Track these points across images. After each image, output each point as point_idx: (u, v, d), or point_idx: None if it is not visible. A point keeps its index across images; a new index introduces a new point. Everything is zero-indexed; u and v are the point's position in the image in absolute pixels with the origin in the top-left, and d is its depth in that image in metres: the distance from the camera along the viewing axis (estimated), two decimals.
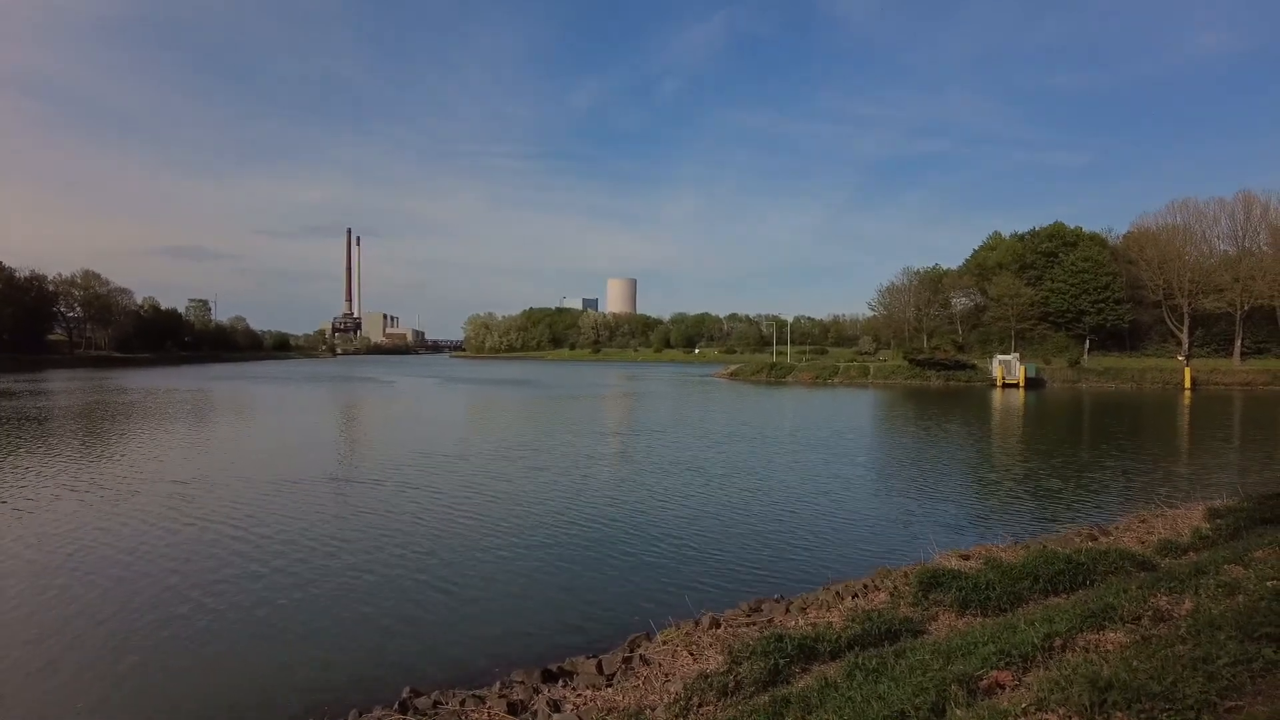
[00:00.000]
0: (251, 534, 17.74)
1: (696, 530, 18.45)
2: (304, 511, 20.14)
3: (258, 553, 16.24)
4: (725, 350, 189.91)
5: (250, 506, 20.61)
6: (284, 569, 15.12)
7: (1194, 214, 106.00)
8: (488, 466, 27.74)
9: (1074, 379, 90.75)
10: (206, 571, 14.93)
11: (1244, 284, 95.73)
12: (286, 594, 13.64)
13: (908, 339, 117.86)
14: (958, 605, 10.29)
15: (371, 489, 23.35)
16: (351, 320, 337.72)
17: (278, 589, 13.92)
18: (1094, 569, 11.15)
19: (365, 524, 18.84)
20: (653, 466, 28.28)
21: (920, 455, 32.81)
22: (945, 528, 18.96)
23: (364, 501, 21.53)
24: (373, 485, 23.96)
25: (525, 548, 16.85)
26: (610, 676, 9.46)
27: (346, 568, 15.22)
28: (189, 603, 13.17)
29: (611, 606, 13.05)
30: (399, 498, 21.99)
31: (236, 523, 18.79)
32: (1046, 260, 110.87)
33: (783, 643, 8.81)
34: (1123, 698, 4.53)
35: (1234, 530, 14.30)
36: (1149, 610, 6.92)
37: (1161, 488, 23.57)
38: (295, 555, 16.08)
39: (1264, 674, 4.64)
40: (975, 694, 5.72)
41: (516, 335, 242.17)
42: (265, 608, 12.98)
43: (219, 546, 16.73)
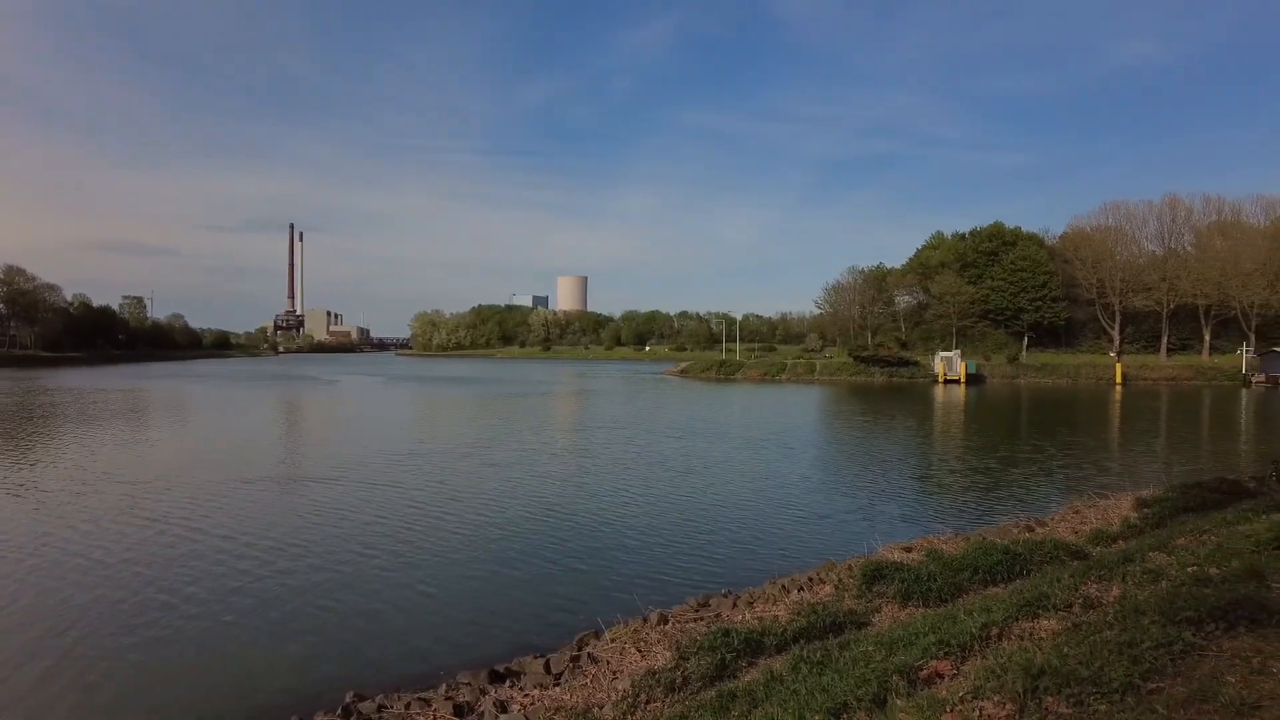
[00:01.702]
0: (193, 537, 17.24)
1: (646, 527, 18.49)
2: (247, 514, 19.62)
3: (199, 556, 15.77)
4: (676, 348, 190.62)
5: (194, 509, 20.03)
6: (224, 572, 14.70)
7: (1125, 216, 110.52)
8: (434, 466, 27.37)
9: (1013, 375, 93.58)
10: (144, 576, 14.42)
11: (1170, 283, 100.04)
12: (227, 598, 13.27)
13: (853, 336, 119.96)
14: (900, 596, 10.51)
15: (316, 490, 22.83)
16: (294, 318, 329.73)
17: (217, 593, 13.53)
18: (1030, 559, 11.50)
19: (309, 526, 18.42)
20: (602, 464, 28.26)
21: (865, 450, 33.43)
22: (889, 521, 19.34)
23: (309, 504, 21.05)
24: (318, 487, 23.43)
25: (473, 548, 16.68)
26: (558, 676, 9.42)
27: (290, 571, 14.86)
28: (128, 607, 12.75)
29: (560, 605, 13.00)
30: (344, 499, 21.55)
31: (182, 525, 18.29)
32: (987, 259, 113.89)
33: (730, 637, 8.89)
34: (1053, 683, 4.67)
35: (1159, 519, 14.91)
36: (1080, 598, 7.16)
37: (1094, 480, 24.44)
38: (237, 558, 15.66)
39: (1183, 656, 4.85)
40: (916, 684, 5.84)
41: (465, 333, 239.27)
42: (205, 612, 12.61)
43: (162, 550, 16.23)
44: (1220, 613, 5.38)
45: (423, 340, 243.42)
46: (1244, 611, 5.37)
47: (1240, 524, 9.77)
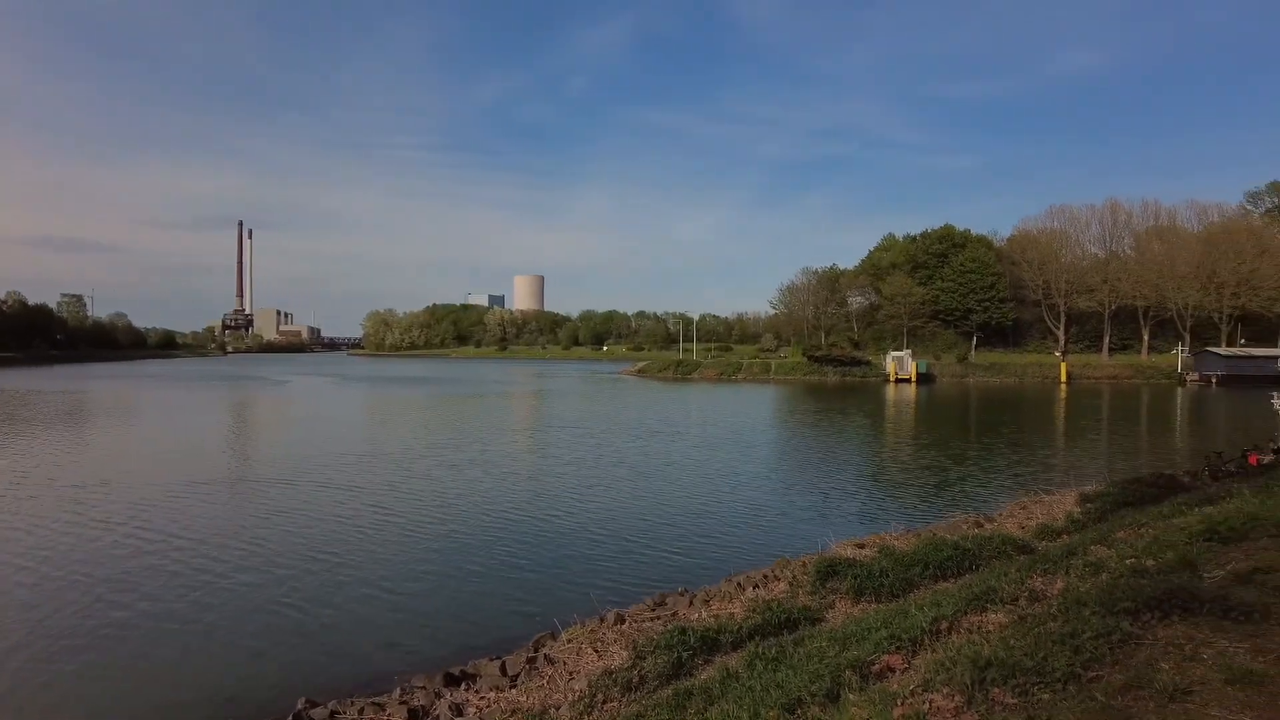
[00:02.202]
0: (141, 541, 16.78)
1: (604, 528, 18.48)
2: (197, 517, 19.12)
3: (147, 561, 15.36)
4: (633, 348, 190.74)
5: (142, 512, 19.50)
6: (173, 577, 14.33)
7: (1069, 219, 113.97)
8: (388, 468, 26.99)
9: (962, 374, 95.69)
10: (90, 581, 13.98)
11: (1111, 285, 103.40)
12: (175, 603, 12.93)
13: (807, 336, 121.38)
14: (853, 592, 10.68)
15: (268, 493, 22.34)
16: (243, 317, 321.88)
17: (166, 598, 13.19)
18: (979, 554, 11.78)
19: (261, 529, 18.03)
20: (559, 465, 28.17)
21: (818, 448, 33.87)
22: (842, 518, 19.64)
23: (260, 506, 20.60)
24: (270, 489, 22.93)
25: (427, 550, 16.49)
26: (514, 677, 9.37)
27: (240, 575, 14.53)
28: (73, 613, 12.35)
29: (517, 607, 12.93)
30: (296, 502, 21.13)
31: (129, 529, 17.81)
32: (937, 261, 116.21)
33: (686, 636, 8.94)
34: (1000, 674, 4.80)
35: (1101, 513, 15.40)
36: (1026, 591, 7.36)
37: (1040, 476, 25.12)
38: (187, 562, 15.28)
39: (1121, 645, 5.02)
40: (868, 678, 5.95)
41: (419, 332, 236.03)
42: (153, 618, 12.29)
43: (109, 555, 15.78)
44: (1156, 603, 5.59)
45: (375, 340, 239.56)
46: (1177, 601, 5.58)
47: (1175, 517, 10.13)
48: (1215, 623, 5.27)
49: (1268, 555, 6.96)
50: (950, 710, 4.60)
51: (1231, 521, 8.30)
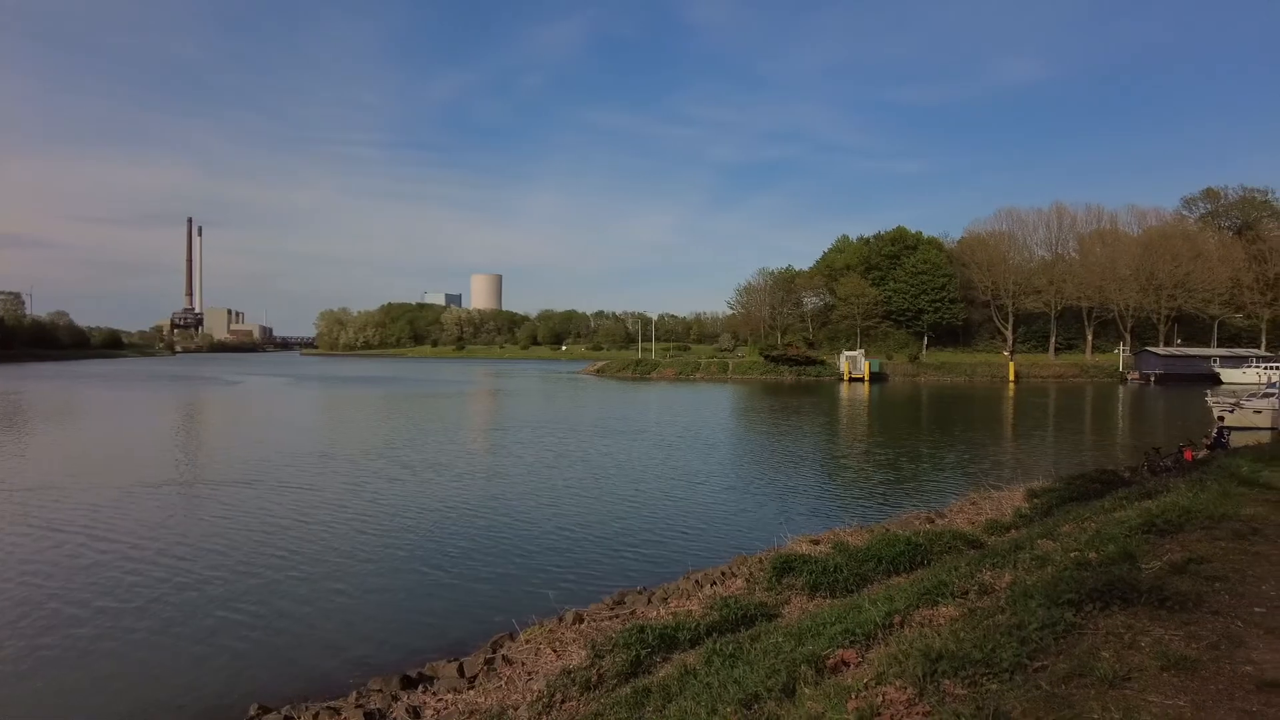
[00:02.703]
0: (92, 545, 16.34)
1: (562, 527, 18.45)
2: (150, 521, 18.65)
3: (98, 566, 14.96)
4: (592, 347, 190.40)
5: (93, 516, 19.02)
6: (124, 582, 13.94)
7: (1018, 222, 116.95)
8: (343, 469, 26.56)
9: (913, 373, 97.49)
10: (40, 586, 13.55)
11: (1057, 286, 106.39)
12: (127, 608, 12.59)
13: (764, 336, 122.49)
14: (809, 588, 10.82)
15: (221, 495, 21.83)
16: (193, 316, 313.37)
17: (117, 603, 12.83)
18: (930, 549, 12.04)
19: (214, 533, 17.63)
20: (517, 464, 28.02)
21: (775, 446, 34.22)
22: (798, 514, 19.88)
23: (213, 509, 20.14)
24: (222, 491, 22.40)
25: (384, 552, 16.29)
26: (472, 678, 9.32)
27: (193, 579, 14.19)
28: (23, 619, 11.94)
29: (475, 608, 12.85)
30: (250, 504, 20.67)
31: (80, 533, 17.37)
32: (889, 262, 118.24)
33: (644, 634, 8.97)
34: (950, 666, 4.93)
35: (1048, 508, 15.83)
36: (975, 585, 7.55)
37: (989, 473, 25.73)
38: (138, 566, 14.90)
39: (1065, 635, 5.20)
40: (823, 673, 6.04)
41: (374, 331, 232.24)
42: (104, 623, 11.97)
43: (60, 559, 15.31)
44: (1097, 594, 5.78)
45: (329, 339, 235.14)
46: (1117, 592, 5.79)
47: (1116, 511, 10.48)
48: (1152, 612, 5.48)
49: (1200, 546, 7.25)
50: (903, 702, 4.70)
51: (1168, 515, 8.61)
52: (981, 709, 4.19)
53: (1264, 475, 11.11)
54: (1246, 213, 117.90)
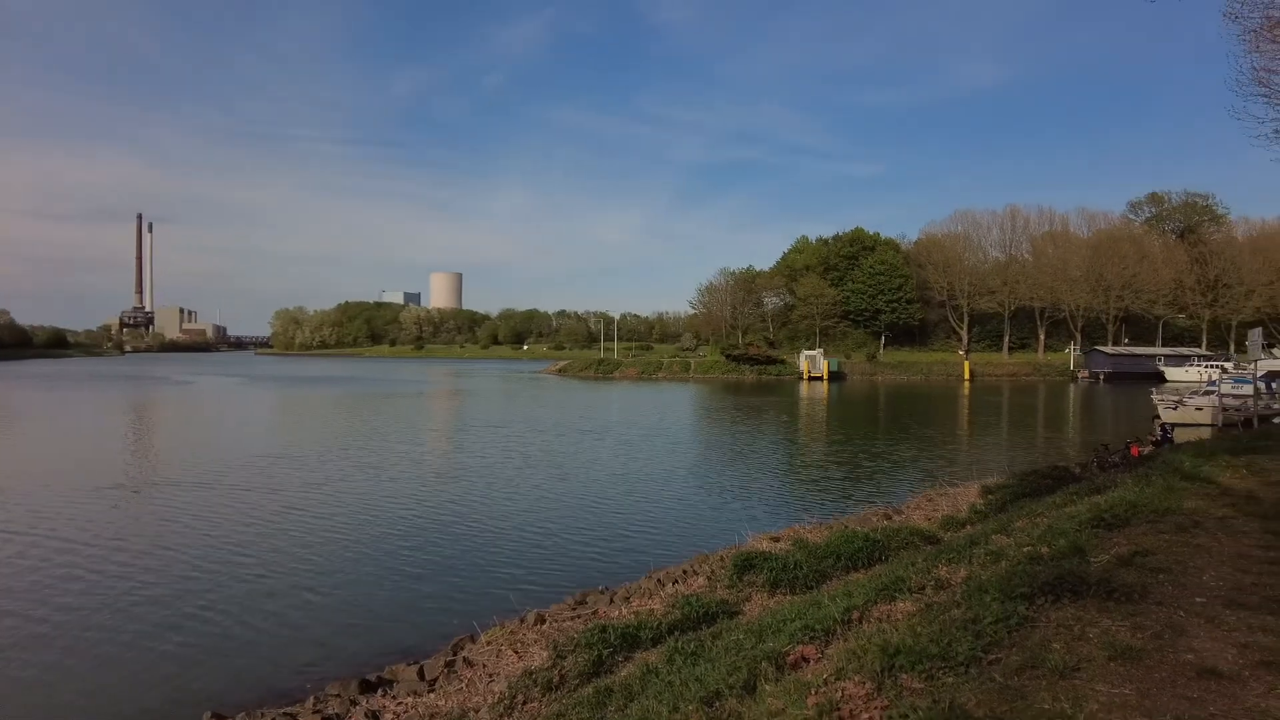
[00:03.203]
0: (43, 549, 15.80)
1: (523, 527, 18.35)
2: (101, 523, 18.12)
3: (47, 569, 14.49)
4: (554, 347, 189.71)
5: (42, 519, 18.42)
6: (75, 585, 13.52)
7: (973, 223, 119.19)
8: (299, 471, 26.08)
9: (871, 372, 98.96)
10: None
11: (1011, 287, 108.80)
12: (76, 612, 12.20)
13: (725, 336, 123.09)
14: (769, 585, 10.91)
15: (173, 497, 21.25)
16: (143, 315, 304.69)
17: (67, 607, 12.45)
18: (888, 545, 12.22)
19: (165, 535, 17.17)
20: (478, 465, 27.79)
21: (736, 445, 34.46)
22: (759, 512, 20.04)
23: (164, 511, 19.61)
24: (174, 493, 21.81)
25: (343, 554, 16.03)
26: (432, 682, 9.22)
27: (146, 582, 13.81)
28: None
29: (435, 610, 12.71)
30: (203, 506, 20.17)
31: (30, 536, 16.85)
32: (848, 263, 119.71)
33: (606, 633, 8.97)
34: (908, 661, 5.01)
35: (1002, 504, 16.17)
36: (932, 580, 7.68)
37: (945, 469, 26.21)
38: (90, 570, 14.48)
39: (1018, 628, 5.32)
40: (783, 669, 6.09)
41: (330, 331, 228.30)
42: (53, 628, 11.63)
43: (9, 562, 14.80)
44: (1049, 587, 5.93)
45: (284, 339, 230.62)
46: (1068, 585, 5.94)
47: (1067, 506, 10.75)
48: (1100, 604, 5.64)
49: (1146, 539, 7.48)
50: (861, 697, 4.77)
51: (1115, 509, 8.86)
52: (938, 702, 4.27)
53: (1204, 470, 11.49)
54: (1189, 217, 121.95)
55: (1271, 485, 10.33)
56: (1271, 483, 10.50)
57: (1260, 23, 14.37)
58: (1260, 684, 4.31)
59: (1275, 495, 9.66)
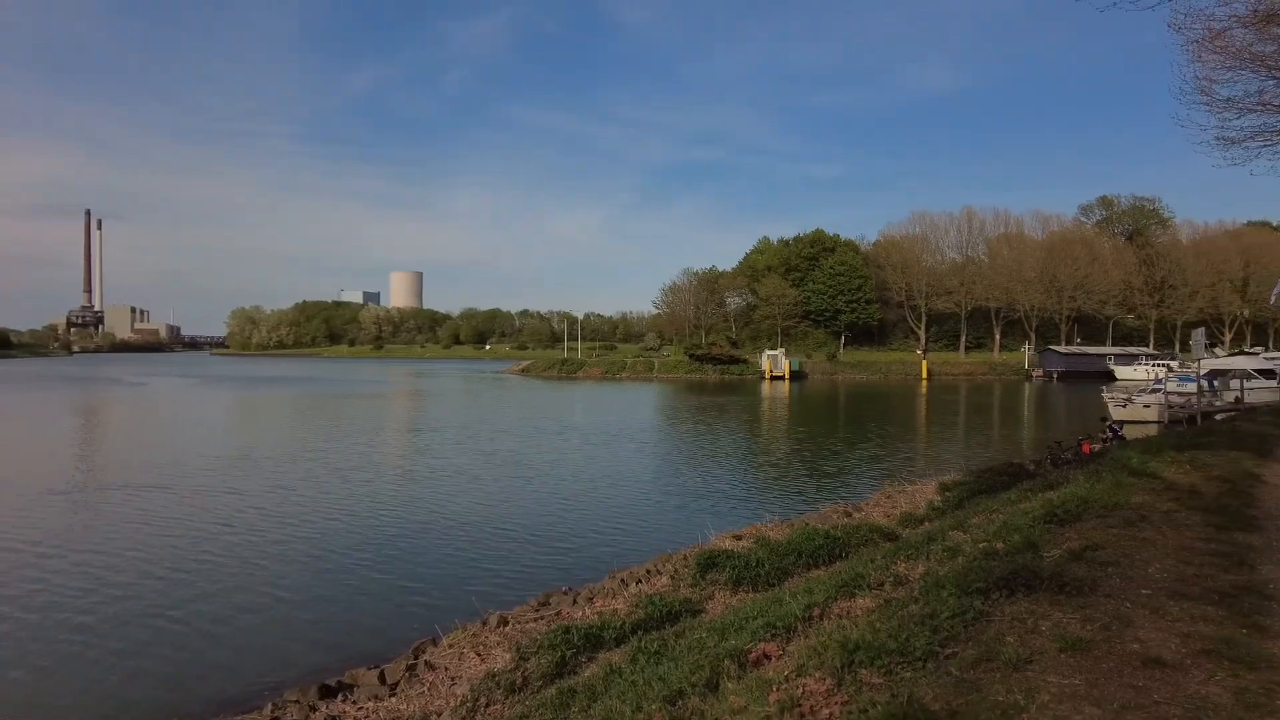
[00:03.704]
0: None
1: (486, 529, 18.23)
2: (54, 527, 17.65)
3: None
4: (517, 346, 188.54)
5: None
6: (24, 591, 13.10)
7: (930, 225, 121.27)
8: (257, 472, 25.58)
9: (831, 371, 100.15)
10: None
11: (967, 287, 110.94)
12: (28, 620, 11.84)
13: (688, 335, 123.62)
14: (732, 583, 10.99)
15: (131, 500, 20.68)
16: (92, 314, 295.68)
17: (15, 614, 12.09)
18: (848, 542, 12.38)
19: (119, 540, 16.72)
20: (439, 466, 27.54)
21: (699, 444, 34.63)
22: (722, 510, 20.16)
23: (120, 515, 19.10)
24: (128, 496, 21.23)
25: (302, 557, 15.77)
26: (393, 686, 9.13)
27: (97, 587, 13.43)
28: None
29: (396, 613, 12.57)
30: (161, 510, 19.67)
31: None
32: (809, 264, 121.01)
33: (570, 634, 8.96)
34: (867, 656, 5.09)
35: (959, 501, 16.47)
36: (891, 576, 7.81)
37: (904, 467, 26.64)
38: (40, 575, 14.04)
39: (974, 622, 5.44)
40: (745, 666, 6.15)
41: (288, 331, 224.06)
42: (4, 637, 11.23)
43: None
44: (1003, 582, 6.07)
45: (241, 339, 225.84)
46: (1021, 579, 6.09)
47: (1021, 503, 11.00)
48: (1053, 597, 5.79)
49: (1096, 534, 7.69)
50: (822, 693, 4.83)
51: (1067, 505, 9.09)
52: (896, 697, 4.35)
53: (1151, 466, 11.84)
54: (1137, 220, 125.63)
55: (1213, 480, 10.69)
56: (1213, 477, 10.87)
57: (1203, 34, 14.84)
58: (1201, 672, 4.47)
59: (1216, 490, 10.00)
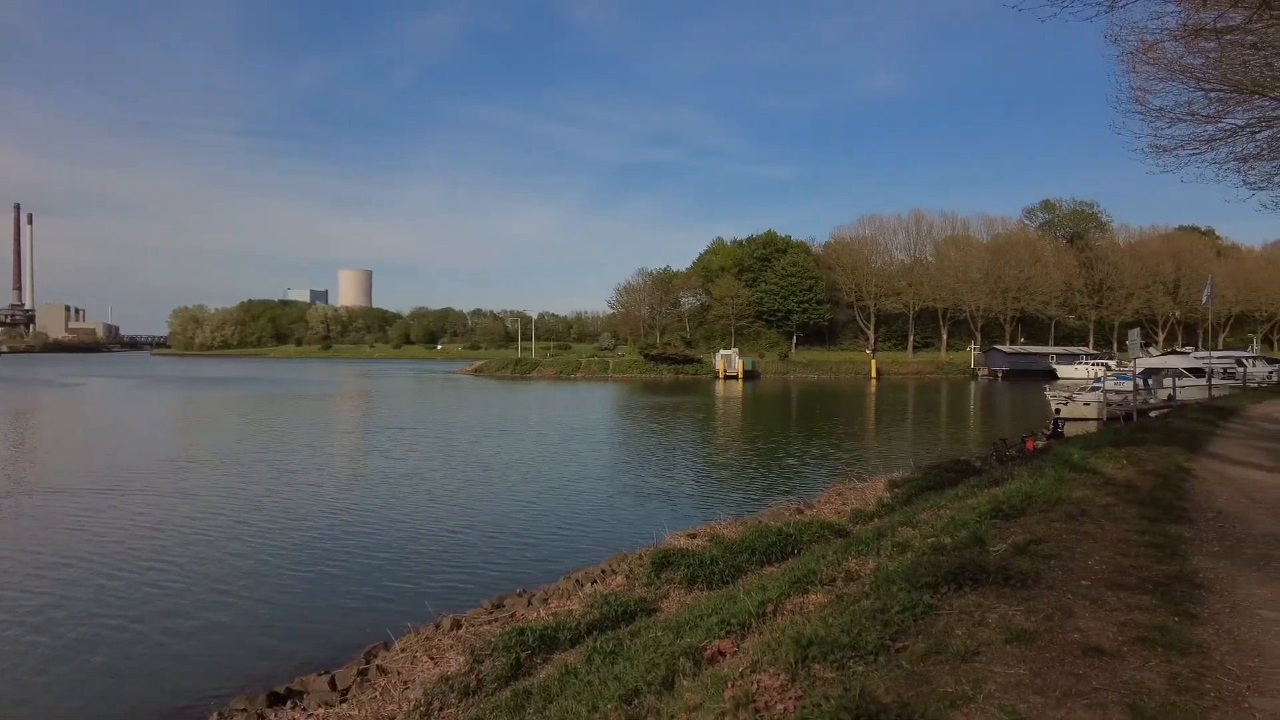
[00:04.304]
0: None
1: (439, 532, 18.01)
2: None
3: None
4: (469, 346, 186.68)
5: None
6: None
7: (879, 227, 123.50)
8: (202, 476, 24.87)
9: (783, 371, 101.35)
10: None
11: (915, 288, 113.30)
12: None
13: (643, 335, 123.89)
14: (687, 581, 11.05)
15: (68, 505, 19.92)
16: (22, 313, 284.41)
17: None
18: (800, 538, 12.53)
19: (58, 546, 16.10)
20: (389, 468, 27.13)
21: (654, 443, 34.72)
22: (677, 509, 20.25)
23: (58, 520, 18.38)
24: (64, 502, 20.45)
25: (246, 563, 15.38)
26: (344, 691, 8.97)
27: (34, 596, 12.90)
28: None
29: (347, 619, 12.35)
30: (97, 515, 18.98)
31: None
32: (761, 265, 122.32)
33: (524, 636, 8.91)
34: (820, 651, 5.16)
35: (908, 497, 16.80)
36: (842, 572, 7.92)
37: (854, 464, 27.08)
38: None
39: (924, 616, 5.56)
40: (701, 664, 6.19)
41: (233, 330, 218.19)
42: None
43: None
44: (951, 576, 6.21)
45: (183, 339, 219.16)
46: (969, 573, 6.24)
47: (968, 498, 11.26)
48: (998, 590, 5.94)
49: (1039, 528, 7.92)
50: (776, 688, 4.89)
51: (1012, 500, 9.34)
52: (849, 690, 4.43)
53: (1091, 462, 12.23)
54: (1077, 223, 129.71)
55: (1148, 475, 11.09)
56: (1148, 472, 11.27)
57: (1137, 45, 15.43)
58: (1136, 658, 4.64)
59: (1151, 484, 10.38)
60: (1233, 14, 12.71)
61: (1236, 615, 5.54)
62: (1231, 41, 14.07)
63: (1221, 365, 44.87)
